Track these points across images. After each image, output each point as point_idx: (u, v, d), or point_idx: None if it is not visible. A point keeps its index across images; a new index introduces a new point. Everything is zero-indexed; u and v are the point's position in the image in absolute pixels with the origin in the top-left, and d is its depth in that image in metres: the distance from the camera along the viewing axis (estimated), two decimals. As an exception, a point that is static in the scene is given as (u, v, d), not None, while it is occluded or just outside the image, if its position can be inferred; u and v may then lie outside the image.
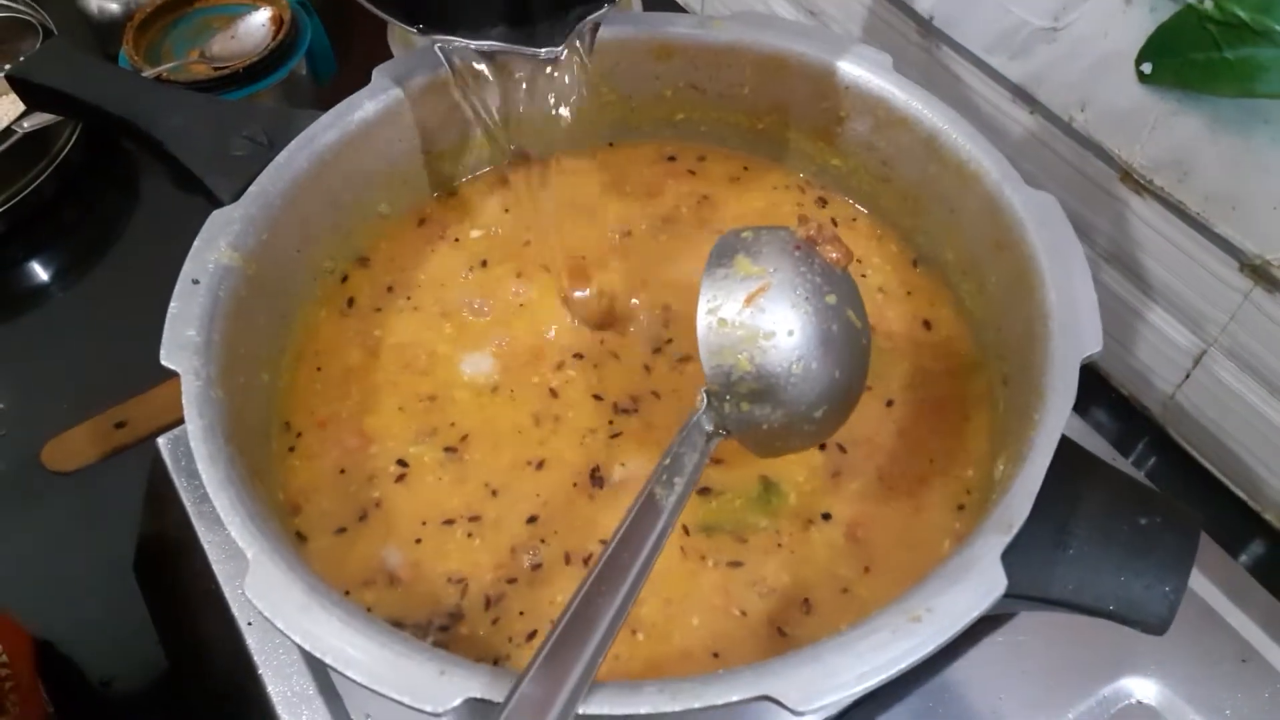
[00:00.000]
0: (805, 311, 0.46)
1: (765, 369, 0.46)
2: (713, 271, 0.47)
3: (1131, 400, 0.75)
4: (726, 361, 0.46)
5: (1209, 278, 0.64)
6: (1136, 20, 0.59)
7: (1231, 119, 0.57)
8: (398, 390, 0.57)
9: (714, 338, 0.46)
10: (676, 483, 0.44)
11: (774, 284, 0.46)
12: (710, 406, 0.47)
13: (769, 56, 0.61)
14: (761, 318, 0.46)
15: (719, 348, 0.46)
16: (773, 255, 0.47)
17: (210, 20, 0.95)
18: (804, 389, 0.46)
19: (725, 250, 0.48)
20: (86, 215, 0.93)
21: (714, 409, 0.47)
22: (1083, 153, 0.68)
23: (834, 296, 0.47)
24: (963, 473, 0.53)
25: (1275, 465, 0.66)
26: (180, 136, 0.57)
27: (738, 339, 0.46)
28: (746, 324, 0.46)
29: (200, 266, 0.51)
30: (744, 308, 0.46)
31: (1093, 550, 0.42)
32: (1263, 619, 0.59)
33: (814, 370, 0.46)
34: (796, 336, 0.46)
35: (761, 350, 0.46)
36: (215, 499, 0.43)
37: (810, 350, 0.46)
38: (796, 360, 0.46)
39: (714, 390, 0.47)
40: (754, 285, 0.46)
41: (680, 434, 0.47)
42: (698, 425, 0.47)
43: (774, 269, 0.47)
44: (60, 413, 0.76)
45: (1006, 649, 0.57)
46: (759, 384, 0.46)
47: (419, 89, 0.60)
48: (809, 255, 0.48)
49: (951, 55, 0.74)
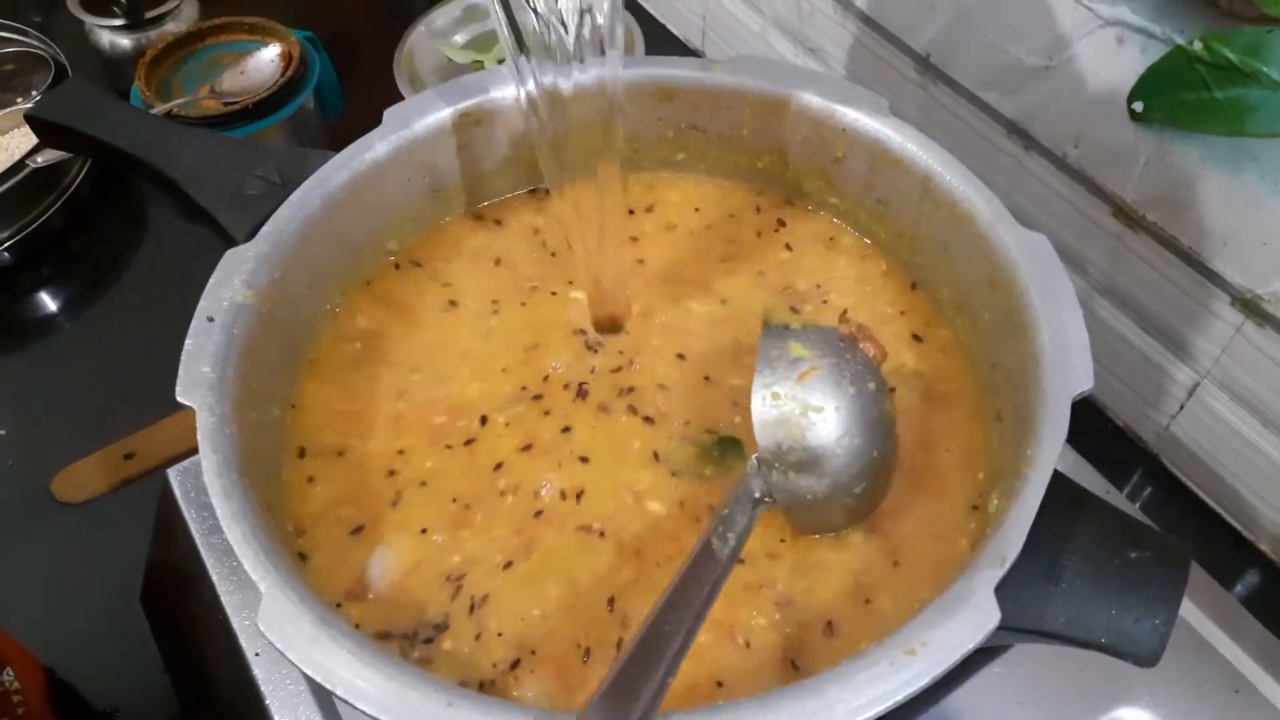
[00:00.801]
0: (849, 393, 0.50)
1: (812, 440, 0.50)
2: (766, 353, 0.51)
3: (1126, 431, 0.76)
4: (779, 432, 0.50)
5: (1201, 311, 0.64)
6: (1128, 60, 0.61)
7: (1221, 157, 0.58)
8: (406, 422, 0.58)
9: (767, 410, 0.50)
10: (730, 537, 0.47)
11: (822, 367, 0.51)
12: (759, 473, 0.50)
13: (768, 99, 0.62)
14: (811, 394, 0.50)
15: (772, 419, 0.50)
16: (820, 343, 0.52)
17: (220, 57, 0.96)
18: (846, 462, 0.50)
19: (775, 336, 0.52)
20: (94, 247, 0.94)
21: (762, 475, 0.50)
22: (1076, 188, 0.69)
23: (873, 384, 0.52)
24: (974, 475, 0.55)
25: (1269, 496, 0.67)
26: (195, 175, 0.58)
27: (789, 412, 0.50)
28: (798, 398, 0.50)
29: (215, 304, 0.52)
30: (795, 384, 0.50)
31: (1084, 584, 0.43)
32: (1255, 650, 0.60)
33: (856, 446, 0.50)
34: (843, 414, 0.50)
35: (810, 423, 0.50)
36: (229, 533, 0.44)
37: (853, 428, 0.50)
38: (841, 435, 0.50)
39: (765, 458, 0.50)
40: (805, 366, 0.51)
41: (732, 494, 0.50)
42: (748, 488, 0.50)
43: (821, 354, 0.51)
44: (69, 444, 0.77)
45: (1002, 680, 0.57)
46: (806, 454, 0.50)
47: (429, 130, 0.61)
48: (852, 347, 0.52)
49: (947, 92, 0.75)
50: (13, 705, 0.60)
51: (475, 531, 0.54)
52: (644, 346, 0.61)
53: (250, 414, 0.51)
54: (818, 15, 0.85)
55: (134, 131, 0.61)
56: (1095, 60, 0.63)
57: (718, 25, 1.00)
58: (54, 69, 0.97)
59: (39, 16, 1.14)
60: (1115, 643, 0.43)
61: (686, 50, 1.06)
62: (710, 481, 0.55)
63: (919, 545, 0.52)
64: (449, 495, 0.55)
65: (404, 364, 0.60)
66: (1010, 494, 0.45)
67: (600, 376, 0.60)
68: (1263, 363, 0.62)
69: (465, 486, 0.55)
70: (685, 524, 0.54)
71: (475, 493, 0.55)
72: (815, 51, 0.88)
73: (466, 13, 1.05)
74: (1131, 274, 0.68)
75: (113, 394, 0.83)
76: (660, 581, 0.49)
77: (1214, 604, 0.61)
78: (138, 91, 0.91)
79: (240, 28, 0.97)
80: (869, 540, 0.53)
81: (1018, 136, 0.71)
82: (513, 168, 0.67)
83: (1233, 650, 0.59)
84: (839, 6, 0.82)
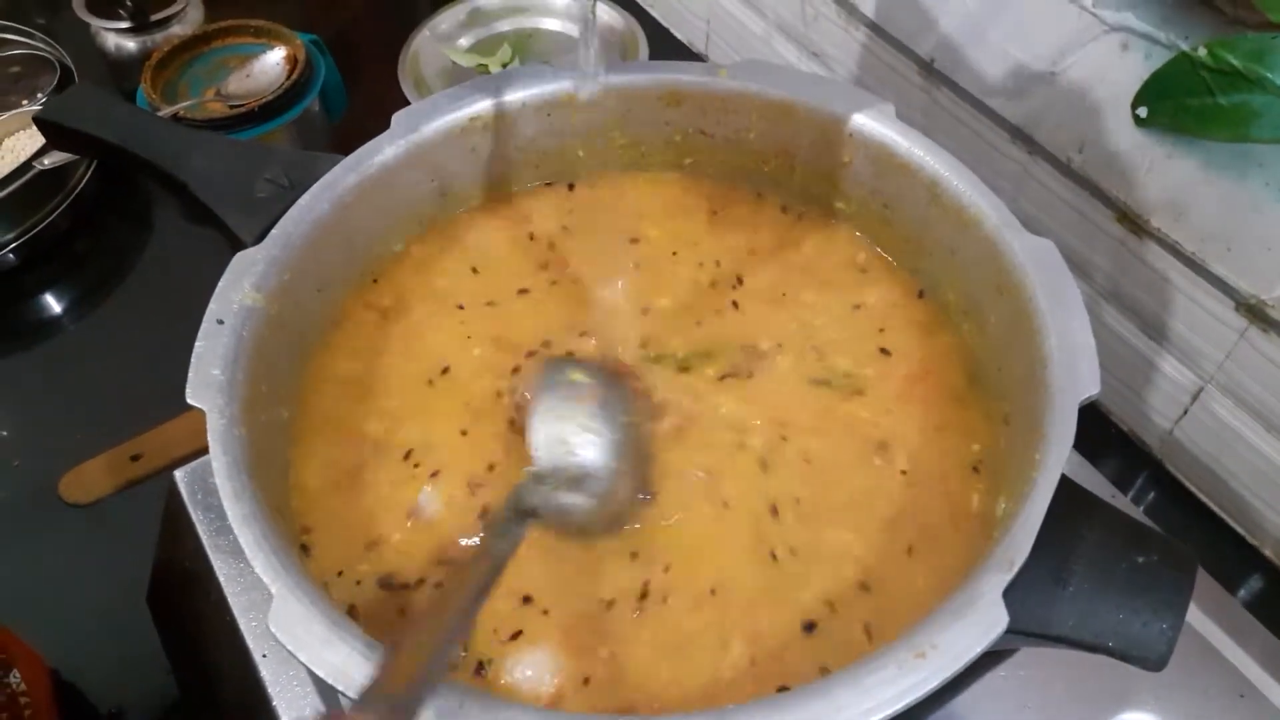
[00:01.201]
0: (619, 421, 0.54)
1: (585, 460, 0.53)
2: (549, 378, 0.56)
3: (1131, 436, 0.76)
4: (556, 450, 0.53)
5: (1205, 316, 0.65)
6: (1132, 66, 0.61)
7: (1225, 162, 0.59)
8: (413, 422, 0.58)
9: (547, 428, 0.53)
10: (504, 544, 0.48)
11: (598, 393, 0.55)
12: (531, 487, 0.52)
13: (775, 104, 0.62)
14: (589, 418, 0.53)
15: (551, 437, 0.53)
16: (595, 372, 0.56)
17: (226, 59, 0.96)
18: (609, 482, 0.53)
19: (556, 365, 0.57)
20: (100, 249, 0.94)
21: (532, 489, 0.52)
22: (1080, 193, 0.69)
23: (637, 417, 0.56)
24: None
25: (1272, 500, 0.67)
26: (205, 179, 0.58)
27: (566, 431, 0.53)
28: (576, 419, 0.53)
29: (225, 307, 0.52)
30: (575, 406, 0.54)
31: (1092, 588, 0.43)
32: (1260, 654, 0.60)
33: (617, 468, 0.53)
34: (612, 438, 0.53)
35: (584, 443, 0.53)
36: (240, 534, 0.44)
37: (618, 452, 0.53)
38: (609, 457, 0.53)
39: (539, 474, 0.53)
40: (583, 391, 0.55)
41: (508, 502, 0.51)
42: (521, 499, 0.51)
43: (597, 382, 0.55)
44: (75, 445, 0.77)
45: (1009, 684, 0.57)
46: (578, 472, 0.53)
47: (437, 133, 0.62)
48: (621, 379, 0.58)
49: (952, 97, 0.76)
50: (20, 707, 0.60)
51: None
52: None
53: (259, 416, 0.51)
54: (822, 20, 0.85)
55: (143, 135, 0.61)
56: (1100, 66, 0.63)
57: (721, 29, 1.00)
58: (59, 71, 0.97)
59: (43, 19, 1.14)
60: (1123, 647, 0.43)
61: (690, 54, 1.06)
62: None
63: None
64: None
65: (409, 366, 0.60)
66: (1018, 498, 0.45)
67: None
68: (1266, 368, 0.63)
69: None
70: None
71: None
72: (819, 56, 0.88)
73: (471, 16, 1.06)
74: (1135, 279, 0.68)
75: (119, 395, 0.83)
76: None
77: (1219, 609, 0.61)
78: (144, 94, 0.91)
79: (246, 31, 0.98)
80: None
81: (1022, 142, 0.71)
82: (521, 169, 0.67)
83: (1238, 655, 0.60)
84: (843, 11, 0.82)
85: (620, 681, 0.48)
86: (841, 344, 0.61)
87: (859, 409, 0.58)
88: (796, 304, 0.63)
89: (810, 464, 0.56)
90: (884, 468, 0.55)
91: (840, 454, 0.56)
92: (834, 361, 0.60)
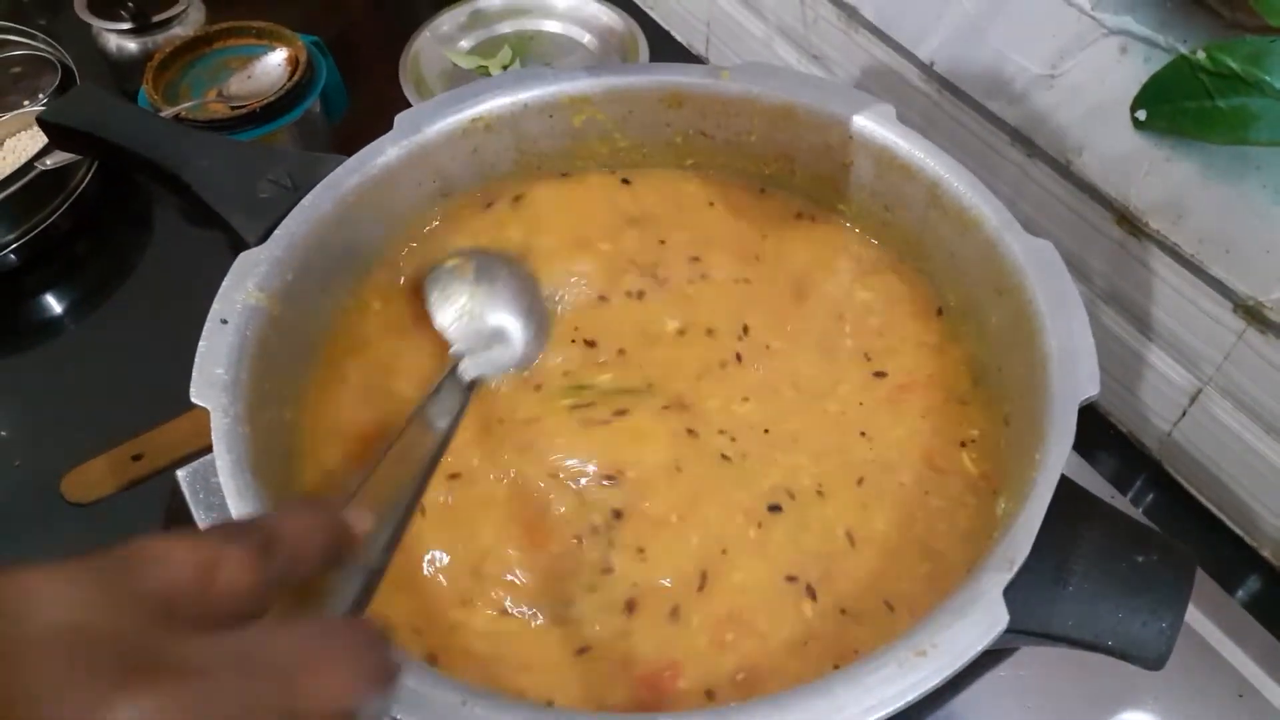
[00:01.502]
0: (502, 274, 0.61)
1: (491, 319, 0.59)
2: (433, 281, 0.61)
3: (1130, 437, 0.76)
4: (464, 325, 0.59)
5: (1204, 318, 0.65)
6: (1131, 69, 0.61)
7: (1224, 165, 0.59)
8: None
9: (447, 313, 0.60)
10: (445, 417, 0.52)
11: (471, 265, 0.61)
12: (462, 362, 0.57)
13: (776, 106, 0.63)
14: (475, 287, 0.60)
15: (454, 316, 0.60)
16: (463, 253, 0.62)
17: (228, 61, 0.96)
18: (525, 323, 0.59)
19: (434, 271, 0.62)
20: (101, 250, 0.94)
21: (467, 362, 0.57)
22: (1080, 195, 0.69)
23: (516, 264, 0.62)
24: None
25: (1271, 502, 0.67)
26: (208, 179, 0.59)
27: (464, 306, 0.60)
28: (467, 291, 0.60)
29: (229, 306, 0.52)
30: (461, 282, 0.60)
31: (1092, 587, 0.44)
32: (1259, 654, 0.60)
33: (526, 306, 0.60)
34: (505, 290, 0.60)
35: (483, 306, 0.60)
36: (244, 534, 0.44)
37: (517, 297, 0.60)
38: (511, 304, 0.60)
39: (461, 350, 0.58)
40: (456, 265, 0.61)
41: (442, 380, 0.55)
42: (457, 376, 0.56)
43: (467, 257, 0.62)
44: (77, 444, 0.77)
45: (1008, 684, 0.58)
46: (493, 332, 0.59)
47: (438, 134, 0.62)
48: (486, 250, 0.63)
49: (952, 99, 0.76)
50: None
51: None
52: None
53: (262, 415, 0.51)
54: (822, 23, 0.85)
55: (147, 135, 0.61)
56: (1099, 69, 0.63)
57: (721, 32, 1.00)
58: (60, 72, 0.97)
59: (44, 20, 1.14)
60: (1122, 645, 0.43)
61: (690, 56, 1.07)
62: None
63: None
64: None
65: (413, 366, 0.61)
66: (1018, 498, 0.45)
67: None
68: (1265, 369, 0.63)
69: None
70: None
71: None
72: (819, 59, 0.88)
73: (472, 18, 1.06)
74: (1134, 281, 0.69)
75: (120, 396, 0.83)
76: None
77: (1217, 609, 0.62)
78: (146, 95, 0.91)
79: (247, 32, 0.98)
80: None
81: (1022, 144, 0.72)
82: (523, 171, 0.68)
83: (1236, 655, 0.60)
84: (843, 14, 0.82)
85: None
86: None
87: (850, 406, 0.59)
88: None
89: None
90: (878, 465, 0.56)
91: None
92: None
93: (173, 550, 0.29)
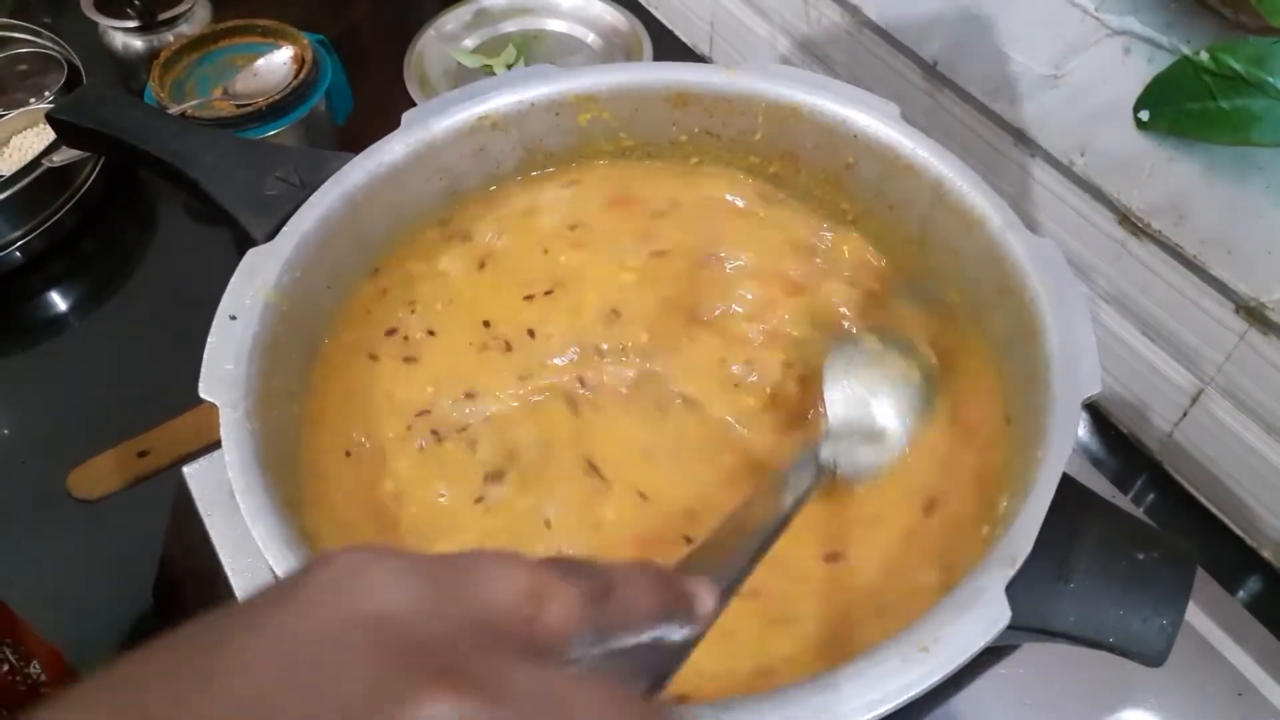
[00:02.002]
0: (907, 386, 0.57)
1: (878, 419, 0.56)
2: (842, 348, 0.58)
3: (1131, 437, 0.77)
4: (850, 411, 0.56)
5: (1205, 319, 0.65)
6: (1134, 69, 0.61)
7: (1226, 166, 0.59)
8: (419, 418, 0.59)
9: (844, 395, 0.56)
10: (790, 495, 0.49)
11: (886, 362, 0.57)
12: (828, 442, 0.54)
13: (781, 105, 0.63)
14: (877, 385, 0.56)
15: (841, 401, 0.56)
16: (883, 340, 0.58)
17: (234, 59, 0.97)
18: (895, 436, 0.56)
19: (846, 338, 0.60)
20: (106, 247, 0.94)
21: (828, 446, 0.54)
22: (1083, 195, 0.69)
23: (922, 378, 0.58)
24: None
25: (1271, 503, 0.68)
26: (216, 176, 0.59)
27: (859, 395, 0.56)
28: (868, 387, 0.57)
29: (237, 302, 0.52)
30: (865, 369, 0.57)
31: (1093, 584, 0.44)
32: (1259, 654, 0.60)
33: (904, 424, 0.56)
34: (900, 401, 0.56)
35: (877, 407, 0.56)
36: (253, 527, 0.45)
37: (906, 410, 0.56)
38: (899, 417, 0.56)
39: (834, 431, 0.55)
40: (872, 358, 0.58)
41: (799, 455, 0.53)
42: (815, 452, 0.53)
43: (885, 349, 0.58)
44: (83, 441, 0.78)
45: (1009, 681, 0.58)
46: (871, 432, 0.56)
47: (445, 132, 0.62)
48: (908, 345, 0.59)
49: (955, 100, 0.76)
50: (41, 697, 0.60)
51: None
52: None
53: (270, 410, 0.52)
54: (825, 22, 0.86)
55: (157, 133, 0.62)
56: (1102, 69, 0.63)
57: (725, 31, 1.01)
58: (67, 70, 0.97)
59: (50, 18, 1.15)
60: (1123, 642, 0.44)
61: (694, 56, 1.07)
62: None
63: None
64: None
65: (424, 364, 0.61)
66: (1021, 495, 0.46)
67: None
68: (1266, 370, 0.63)
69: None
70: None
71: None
72: (823, 59, 0.89)
73: (476, 17, 1.06)
74: (1137, 281, 0.69)
75: (126, 393, 0.83)
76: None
77: (1218, 608, 0.62)
78: (152, 93, 0.91)
79: (253, 30, 0.98)
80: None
81: (1024, 144, 0.72)
82: (528, 169, 0.68)
83: (1236, 654, 0.60)
84: (847, 14, 0.83)
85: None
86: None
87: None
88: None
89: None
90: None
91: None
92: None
93: (510, 571, 0.29)
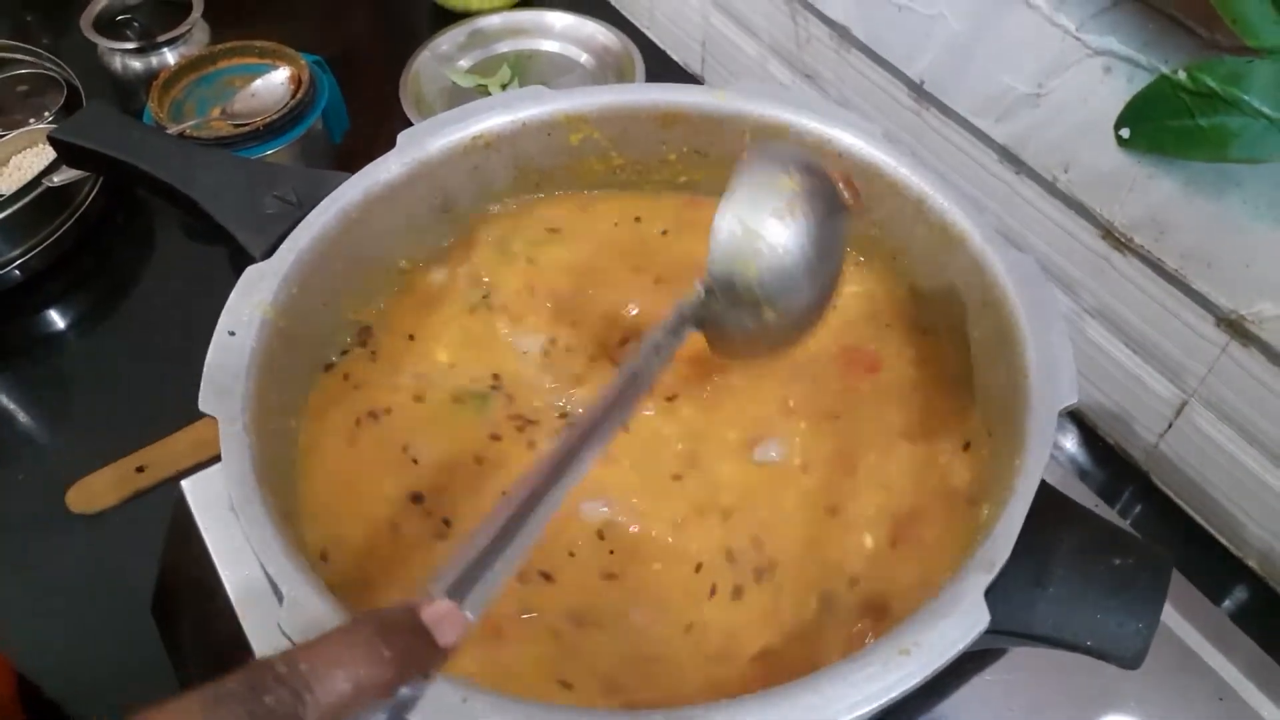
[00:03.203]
0: (814, 237, 0.48)
1: (767, 281, 0.47)
2: (751, 175, 0.47)
3: (1117, 449, 0.78)
4: (735, 267, 0.47)
5: (1187, 332, 0.66)
6: (1115, 88, 0.63)
7: (1205, 182, 0.60)
8: (413, 435, 0.60)
9: (732, 242, 0.47)
10: (655, 361, 0.46)
11: (800, 206, 0.47)
12: (702, 301, 0.48)
13: (768, 124, 0.64)
14: (781, 235, 0.47)
15: (732, 250, 0.47)
16: (802, 176, 0.48)
17: (232, 79, 0.98)
18: (788, 310, 0.49)
19: (765, 158, 0.48)
20: (104, 266, 0.95)
21: (704, 304, 0.48)
22: (1066, 211, 0.71)
23: (840, 238, 0.50)
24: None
25: (1255, 512, 0.69)
26: (215, 195, 0.60)
27: (753, 249, 0.47)
28: (764, 235, 0.47)
29: (236, 319, 0.53)
30: (768, 218, 0.47)
31: (1071, 589, 0.45)
32: (1240, 659, 0.61)
33: (805, 297, 0.49)
34: (801, 257, 0.47)
35: (768, 265, 0.47)
36: (251, 540, 0.45)
37: (807, 278, 0.48)
38: (794, 284, 0.48)
39: (711, 288, 0.48)
40: (782, 202, 0.47)
41: (671, 317, 0.48)
42: (686, 312, 0.48)
43: (803, 190, 0.47)
44: (81, 457, 0.78)
45: (993, 687, 0.58)
46: (757, 293, 0.47)
47: (440, 152, 0.63)
48: (830, 188, 0.50)
49: (941, 118, 0.77)
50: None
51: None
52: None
53: (268, 425, 0.52)
54: (814, 43, 0.87)
55: (155, 154, 0.63)
56: (1083, 89, 0.65)
57: (716, 51, 1.02)
58: (66, 91, 0.99)
59: (50, 39, 1.16)
60: (1100, 645, 0.44)
61: (686, 75, 1.08)
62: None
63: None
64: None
65: (418, 379, 0.62)
66: (1000, 502, 0.47)
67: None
68: (1247, 382, 0.64)
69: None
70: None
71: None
72: (812, 78, 0.90)
73: (471, 38, 1.08)
74: (1120, 295, 0.70)
75: (123, 409, 0.84)
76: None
77: (1199, 615, 0.62)
78: (151, 113, 0.92)
79: (251, 51, 0.99)
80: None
81: (1009, 162, 0.73)
82: (522, 189, 0.69)
83: (1217, 659, 0.61)
84: (835, 34, 0.84)
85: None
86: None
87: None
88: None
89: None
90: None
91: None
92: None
93: None
